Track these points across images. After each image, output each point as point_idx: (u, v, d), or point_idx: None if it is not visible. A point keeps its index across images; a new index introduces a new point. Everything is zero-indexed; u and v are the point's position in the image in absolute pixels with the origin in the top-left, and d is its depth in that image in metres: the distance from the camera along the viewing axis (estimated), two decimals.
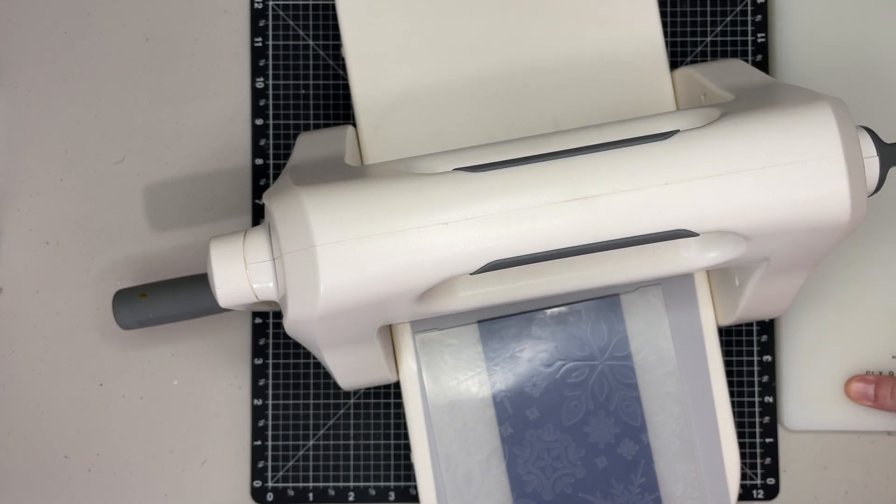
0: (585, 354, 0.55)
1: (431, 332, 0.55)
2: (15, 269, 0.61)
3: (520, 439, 0.55)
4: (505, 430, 0.55)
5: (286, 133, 0.61)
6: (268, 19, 0.62)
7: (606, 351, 0.55)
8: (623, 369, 0.55)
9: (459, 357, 0.55)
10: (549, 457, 0.55)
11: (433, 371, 0.55)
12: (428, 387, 0.55)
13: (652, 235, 0.45)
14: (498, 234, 0.44)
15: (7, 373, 0.61)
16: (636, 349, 0.55)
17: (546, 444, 0.55)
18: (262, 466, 0.60)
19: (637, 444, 0.55)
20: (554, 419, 0.55)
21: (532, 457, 0.55)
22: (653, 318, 0.55)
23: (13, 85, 0.62)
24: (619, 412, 0.55)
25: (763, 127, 0.45)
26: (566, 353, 0.55)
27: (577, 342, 0.55)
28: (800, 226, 0.45)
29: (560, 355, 0.55)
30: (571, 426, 0.55)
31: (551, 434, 0.55)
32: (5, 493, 0.61)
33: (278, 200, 0.46)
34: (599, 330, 0.55)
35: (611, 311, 0.55)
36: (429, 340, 0.55)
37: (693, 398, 0.55)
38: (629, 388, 0.55)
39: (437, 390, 0.55)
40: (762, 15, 0.61)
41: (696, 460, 0.55)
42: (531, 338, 0.55)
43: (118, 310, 0.52)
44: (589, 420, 0.55)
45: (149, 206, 0.61)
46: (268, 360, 0.61)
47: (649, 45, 0.55)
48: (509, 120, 0.55)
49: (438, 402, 0.55)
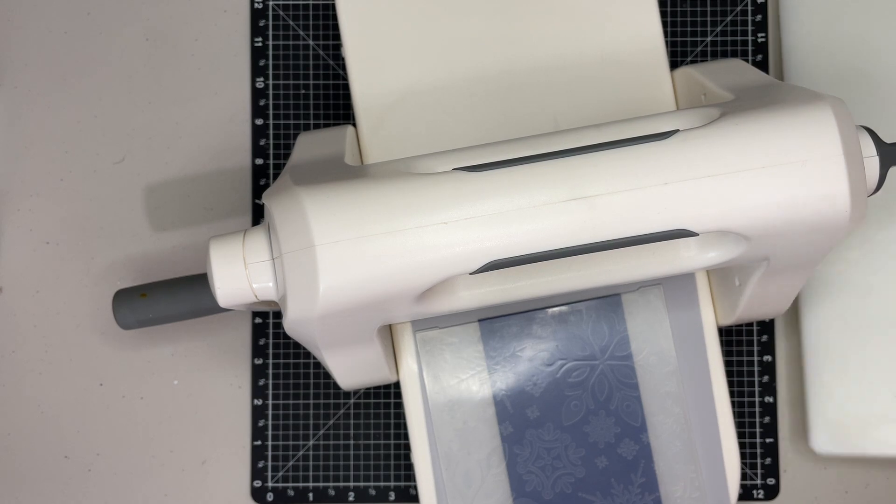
0: (586, 354, 0.55)
1: (432, 330, 0.55)
2: (15, 269, 0.61)
3: (520, 438, 0.55)
4: (505, 429, 0.55)
5: (286, 133, 0.61)
6: (268, 19, 0.62)
7: (607, 351, 0.55)
8: (624, 369, 0.55)
9: (460, 356, 0.55)
10: (549, 456, 0.55)
11: (433, 369, 0.55)
12: (428, 385, 0.55)
13: (651, 235, 0.45)
14: (497, 234, 0.44)
15: (7, 373, 0.61)
16: (637, 349, 0.55)
17: (546, 443, 0.55)
18: (262, 466, 0.60)
19: (637, 444, 0.55)
20: (554, 418, 0.55)
21: (532, 456, 0.55)
22: (654, 319, 0.55)
23: (13, 85, 0.62)
24: (620, 412, 0.55)
25: (763, 127, 0.45)
26: (567, 352, 0.55)
27: (578, 342, 0.55)
28: (800, 225, 0.45)
29: (561, 355, 0.55)
30: (571, 426, 0.55)
31: (551, 433, 0.55)
32: (5, 493, 0.61)
33: (278, 200, 0.46)
34: (600, 329, 0.55)
35: (612, 310, 0.55)
36: (429, 339, 0.55)
37: (693, 398, 0.55)
38: (630, 388, 0.55)
39: (437, 389, 0.55)
40: (762, 15, 0.61)
41: (696, 460, 0.55)
42: (532, 337, 0.55)
43: (118, 310, 0.52)
44: (589, 420, 0.55)
45: (149, 206, 0.61)
46: (268, 360, 0.61)
47: (649, 45, 0.55)
48: (509, 120, 0.55)
49: (438, 401, 0.55)
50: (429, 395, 0.55)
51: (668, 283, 0.55)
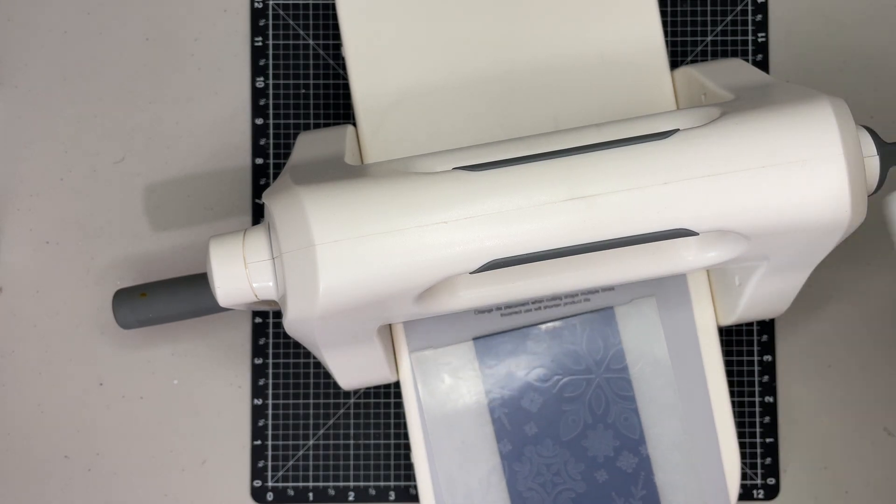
0: (581, 368, 0.55)
1: (427, 350, 0.55)
2: (15, 268, 0.61)
3: (519, 455, 0.55)
4: (504, 446, 0.55)
5: (286, 133, 0.61)
6: (268, 19, 0.62)
7: (603, 364, 0.55)
8: (620, 382, 0.55)
9: (456, 375, 0.55)
10: (548, 472, 0.55)
11: (430, 389, 0.55)
12: (425, 405, 0.55)
13: (651, 235, 0.45)
14: (497, 234, 0.44)
15: (7, 373, 0.61)
16: (632, 361, 0.55)
17: (545, 459, 0.55)
18: (262, 466, 0.60)
19: (636, 457, 0.55)
20: (552, 434, 0.55)
21: (532, 472, 0.55)
22: (648, 330, 0.55)
23: (13, 85, 0.62)
24: (618, 425, 0.55)
25: (763, 126, 0.45)
26: (562, 367, 0.55)
27: (573, 356, 0.55)
28: (800, 225, 0.45)
29: (556, 370, 0.55)
30: (570, 441, 0.55)
31: (550, 449, 0.55)
32: (5, 493, 0.61)
33: (278, 199, 0.46)
34: (595, 343, 0.55)
35: (605, 324, 0.55)
36: (425, 359, 0.55)
37: (691, 405, 0.55)
38: (627, 401, 0.55)
39: (434, 408, 0.54)
40: (762, 15, 0.61)
41: (697, 469, 0.55)
42: (527, 353, 0.55)
43: (118, 309, 0.52)
44: (587, 434, 0.55)
45: (149, 206, 0.61)
46: (268, 359, 0.61)
47: (649, 45, 0.55)
48: (509, 119, 0.55)
49: (436, 420, 0.54)
50: (426, 414, 0.54)
51: (662, 291, 0.55)
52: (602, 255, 0.50)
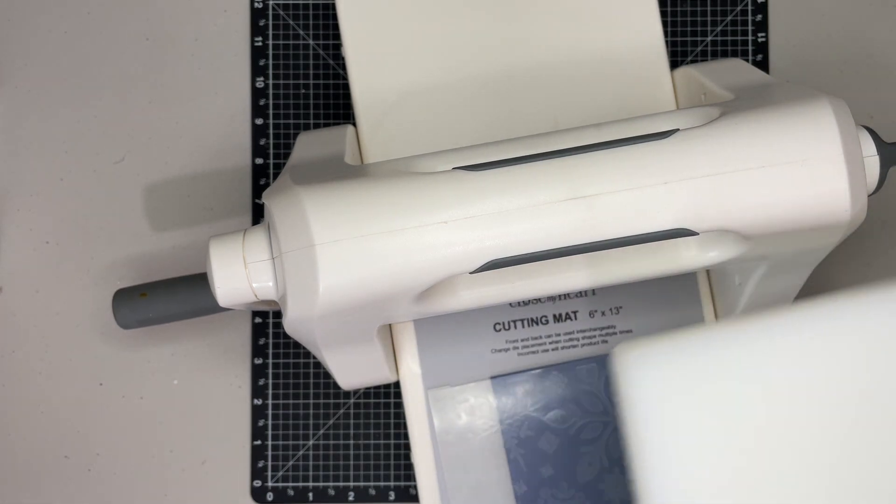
0: (599, 410, 0.54)
1: (444, 388, 0.54)
2: (15, 268, 0.61)
3: (534, 497, 0.54)
4: (519, 487, 0.54)
5: (286, 133, 0.61)
6: (268, 19, 0.62)
7: None
8: None
9: (473, 414, 0.54)
10: None
11: (446, 427, 0.54)
12: (441, 443, 0.54)
13: (651, 235, 0.45)
14: (497, 233, 0.44)
15: (7, 373, 0.61)
16: None
17: (561, 502, 0.54)
18: (261, 466, 0.60)
19: None
20: (568, 476, 0.54)
21: None
22: None
23: (13, 85, 0.62)
24: None
25: (763, 126, 0.45)
26: (580, 409, 0.54)
27: (591, 398, 0.54)
28: (800, 225, 0.45)
29: (574, 411, 0.54)
30: (586, 483, 0.54)
31: (566, 491, 0.54)
32: (5, 493, 0.61)
33: (278, 200, 0.46)
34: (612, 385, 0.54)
35: None
36: (442, 397, 0.54)
37: None
38: None
39: (450, 447, 0.54)
40: (762, 15, 0.61)
41: None
42: (544, 394, 0.54)
43: (118, 309, 0.52)
44: (604, 477, 0.54)
45: (149, 206, 0.61)
46: (268, 359, 0.61)
47: (649, 45, 0.55)
48: (509, 119, 0.55)
49: (452, 459, 0.54)
50: (441, 452, 0.54)
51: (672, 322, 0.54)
52: (602, 255, 0.50)
